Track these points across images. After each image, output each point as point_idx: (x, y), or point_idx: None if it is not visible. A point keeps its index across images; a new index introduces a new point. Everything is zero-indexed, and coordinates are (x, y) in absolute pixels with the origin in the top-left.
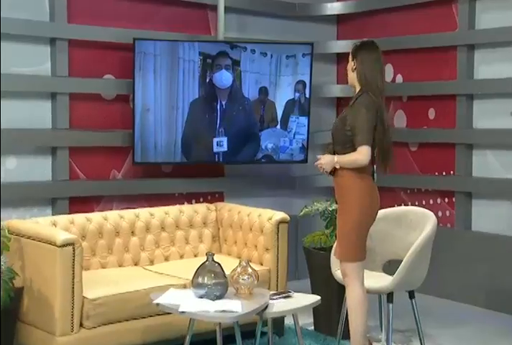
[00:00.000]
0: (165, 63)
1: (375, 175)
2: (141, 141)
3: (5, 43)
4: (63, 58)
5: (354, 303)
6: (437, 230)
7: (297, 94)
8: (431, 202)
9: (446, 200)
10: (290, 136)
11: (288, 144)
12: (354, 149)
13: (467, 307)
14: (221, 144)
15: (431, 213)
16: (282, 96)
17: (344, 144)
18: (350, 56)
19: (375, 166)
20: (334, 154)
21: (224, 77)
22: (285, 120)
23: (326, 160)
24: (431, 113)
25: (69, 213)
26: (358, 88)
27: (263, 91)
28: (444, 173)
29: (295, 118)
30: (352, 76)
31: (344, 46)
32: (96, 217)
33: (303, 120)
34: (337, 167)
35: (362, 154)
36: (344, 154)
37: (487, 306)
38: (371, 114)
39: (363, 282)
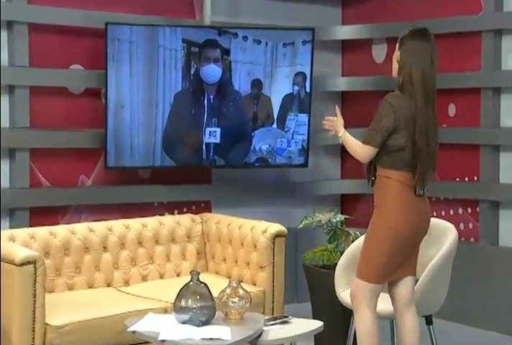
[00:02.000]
0: (143, 52)
1: (418, 187)
2: (114, 142)
3: None
4: (22, 45)
5: (363, 332)
6: (458, 245)
7: (296, 88)
8: (452, 212)
9: (470, 210)
10: (287, 137)
11: (286, 145)
12: (387, 154)
13: (494, 335)
14: (213, 135)
15: (452, 226)
16: (278, 90)
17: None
18: (397, 44)
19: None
20: (371, 163)
21: (212, 73)
22: (282, 118)
23: (336, 125)
24: (451, 110)
25: (30, 226)
26: (398, 83)
27: (256, 85)
28: (466, 179)
29: (294, 115)
30: (396, 67)
31: (350, 32)
32: (61, 230)
33: (303, 118)
34: (340, 141)
35: (361, 152)
36: (379, 161)
37: None
38: (389, 116)
39: (375, 308)
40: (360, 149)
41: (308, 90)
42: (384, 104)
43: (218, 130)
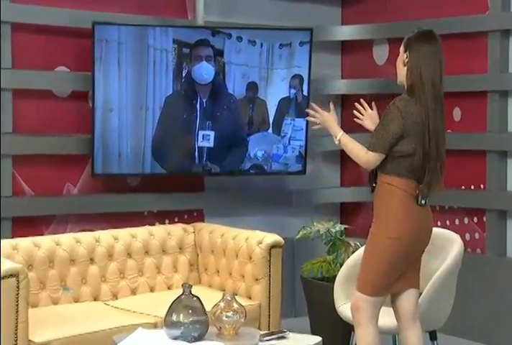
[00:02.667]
0: (132, 53)
1: (420, 197)
2: (102, 148)
3: None
4: (5, 46)
5: None
6: (464, 256)
7: (293, 91)
8: (457, 222)
9: (476, 219)
10: (284, 142)
11: (282, 151)
12: (393, 159)
13: None
14: (207, 138)
15: (457, 236)
16: (274, 94)
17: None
18: (402, 47)
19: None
20: (374, 171)
21: (204, 71)
22: (278, 122)
23: (328, 120)
24: (457, 114)
25: (12, 237)
26: (406, 87)
27: (252, 88)
28: (472, 187)
29: (291, 120)
30: (402, 71)
31: (350, 32)
32: (45, 241)
33: (300, 122)
34: (336, 142)
35: (366, 159)
36: (382, 167)
37: None
38: (398, 121)
39: (377, 322)
40: (364, 155)
41: (305, 93)
42: (392, 109)
43: (212, 133)
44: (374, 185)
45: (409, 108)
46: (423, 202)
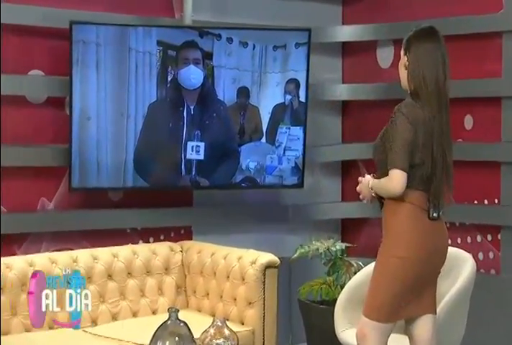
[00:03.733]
0: (112, 55)
1: (432, 210)
2: (80, 159)
3: None
4: None
5: None
6: (477, 277)
7: (288, 97)
8: (469, 240)
9: (489, 237)
10: (278, 153)
11: (277, 162)
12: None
13: None
14: (197, 150)
15: (469, 255)
16: (268, 100)
17: (386, 167)
18: (402, 50)
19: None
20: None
21: (191, 75)
22: (272, 131)
23: (364, 184)
24: (468, 122)
25: None
26: (409, 92)
27: (244, 93)
28: (485, 202)
29: (286, 128)
30: (404, 75)
31: (351, 32)
32: (17, 262)
33: (297, 131)
34: (372, 194)
35: (391, 181)
36: None
37: None
38: (408, 129)
39: None
40: (387, 182)
41: (302, 99)
42: (398, 116)
43: (202, 145)
44: (383, 200)
45: (415, 113)
46: (435, 215)
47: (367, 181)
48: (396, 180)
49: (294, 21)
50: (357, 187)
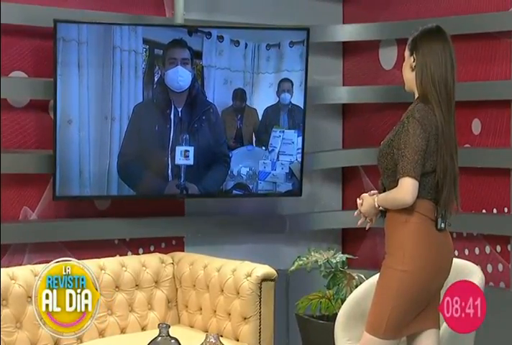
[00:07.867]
0: (95, 55)
1: (440, 220)
2: (64, 166)
3: None
4: None
5: None
6: (486, 291)
7: (281, 98)
8: (477, 251)
9: (499, 248)
10: (272, 158)
11: (270, 168)
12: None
13: None
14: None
15: (477, 268)
16: (260, 102)
17: (394, 175)
18: (407, 50)
19: (438, 207)
20: (385, 190)
21: (179, 77)
22: (264, 135)
23: (366, 204)
24: (476, 126)
25: None
26: (417, 95)
27: (240, 95)
28: (494, 211)
29: (280, 132)
30: (411, 77)
31: (352, 32)
32: None
33: (291, 135)
34: (382, 209)
35: (402, 190)
36: (394, 185)
37: None
38: (421, 135)
39: None
40: (398, 192)
41: (297, 101)
42: (411, 122)
43: (192, 149)
44: (385, 209)
45: (427, 118)
46: (442, 225)
47: (371, 200)
48: (407, 188)
49: (292, 20)
50: (357, 211)
